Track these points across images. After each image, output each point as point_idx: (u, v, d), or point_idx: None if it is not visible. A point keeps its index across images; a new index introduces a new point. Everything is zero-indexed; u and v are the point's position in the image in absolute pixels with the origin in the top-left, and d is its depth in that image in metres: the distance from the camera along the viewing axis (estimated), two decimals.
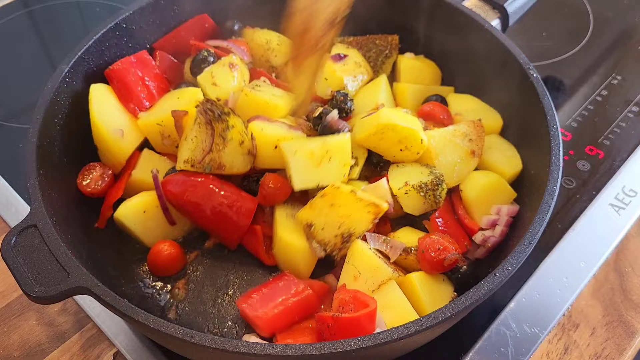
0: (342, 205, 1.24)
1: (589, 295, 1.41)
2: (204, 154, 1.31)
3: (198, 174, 1.33)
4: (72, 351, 1.32)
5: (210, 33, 1.70)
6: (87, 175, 1.41)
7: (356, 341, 0.97)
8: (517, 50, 1.43)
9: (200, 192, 1.32)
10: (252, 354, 0.96)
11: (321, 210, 1.26)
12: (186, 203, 1.33)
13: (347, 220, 1.24)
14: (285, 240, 1.31)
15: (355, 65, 1.60)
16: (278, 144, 1.33)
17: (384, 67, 1.64)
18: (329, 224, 1.25)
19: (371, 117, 1.35)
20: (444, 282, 1.25)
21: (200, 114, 1.30)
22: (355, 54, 1.63)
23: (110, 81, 1.48)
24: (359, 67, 1.60)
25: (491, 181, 1.37)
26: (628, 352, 1.33)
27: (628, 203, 1.55)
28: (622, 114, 1.79)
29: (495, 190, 1.37)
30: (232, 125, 1.29)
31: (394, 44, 1.64)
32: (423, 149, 1.35)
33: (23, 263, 1.07)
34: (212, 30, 1.70)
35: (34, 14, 2.17)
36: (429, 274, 1.22)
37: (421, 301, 1.18)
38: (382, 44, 1.64)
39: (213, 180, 1.33)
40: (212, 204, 1.32)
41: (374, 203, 1.24)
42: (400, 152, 1.35)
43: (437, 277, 1.24)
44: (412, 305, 1.17)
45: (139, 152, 1.45)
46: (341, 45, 1.64)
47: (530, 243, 1.10)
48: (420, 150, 1.35)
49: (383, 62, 1.64)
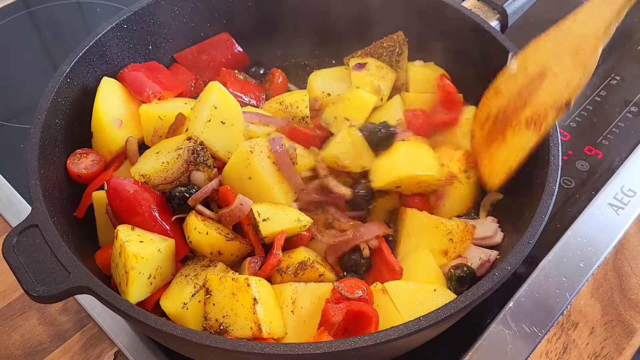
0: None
1: (588, 295, 1.41)
2: (162, 181, 1.27)
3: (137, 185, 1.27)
4: (73, 350, 1.32)
5: (232, 51, 1.72)
6: (79, 158, 1.39)
7: (356, 340, 0.97)
8: (517, 51, 1.43)
9: (124, 205, 1.25)
10: (252, 353, 0.96)
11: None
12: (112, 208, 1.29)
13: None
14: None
15: (377, 69, 1.61)
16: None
17: (400, 64, 1.64)
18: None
19: (390, 166, 1.36)
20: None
21: (187, 149, 1.27)
22: (371, 60, 1.63)
23: (123, 81, 1.49)
24: (382, 69, 1.61)
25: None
26: (627, 351, 1.33)
27: (627, 203, 1.55)
28: (621, 114, 1.80)
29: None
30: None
31: (401, 39, 1.64)
32: (440, 185, 1.39)
33: (24, 263, 1.07)
34: (234, 48, 1.72)
35: (35, 15, 2.18)
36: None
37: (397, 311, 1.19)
38: (390, 45, 1.64)
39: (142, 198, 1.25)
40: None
41: None
42: (418, 188, 1.39)
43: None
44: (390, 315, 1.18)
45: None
46: (354, 59, 1.65)
47: (529, 243, 1.11)
48: (437, 186, 1.39)
49: (398, 61, 1.64)
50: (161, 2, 1.59)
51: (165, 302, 1.20)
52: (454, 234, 1.32)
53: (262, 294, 1.14)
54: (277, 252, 1.22)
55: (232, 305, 1.12)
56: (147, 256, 1.16)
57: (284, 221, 1.26)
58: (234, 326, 1.11)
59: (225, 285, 1.13)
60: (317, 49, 1.83)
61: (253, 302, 1.11)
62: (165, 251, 1.21)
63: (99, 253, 1.30)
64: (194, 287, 1.19)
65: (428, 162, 1.38)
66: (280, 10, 1.75)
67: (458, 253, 1.32)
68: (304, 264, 1.25)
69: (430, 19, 1.61)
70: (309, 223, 1.29)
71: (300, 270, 1.25)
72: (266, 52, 1.80)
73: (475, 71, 1.57)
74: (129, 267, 1.14)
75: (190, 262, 1.28)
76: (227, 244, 1.24)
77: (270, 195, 1.31)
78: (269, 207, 1.28)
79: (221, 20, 1.73)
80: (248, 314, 1.11)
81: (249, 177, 1.30)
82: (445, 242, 1.32)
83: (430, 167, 1.36)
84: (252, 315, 1.10)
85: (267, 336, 1.10)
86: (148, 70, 1.53)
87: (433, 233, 1.33)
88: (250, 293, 1.12)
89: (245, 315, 1.11)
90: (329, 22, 1.76)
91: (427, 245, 1.33)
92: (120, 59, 1.54)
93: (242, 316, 1.11)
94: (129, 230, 1.20)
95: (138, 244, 1.17)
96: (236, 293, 1.12)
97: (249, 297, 1.11)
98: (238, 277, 1.14)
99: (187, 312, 1.17)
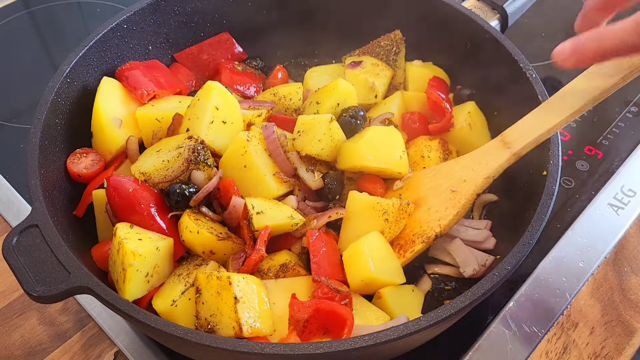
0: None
1: (588, 295, 1.41)
2: (162, 179, 1.28)
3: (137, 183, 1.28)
4: (73, 350, 1.32)
5: (232, 52, 1.72)
6: (79, 158, 1.40)
7: (356, 340, 0.97)
8: (517, 51, 1.44)
9: (123, 203, 1.25)
10: (252, 353, 0.96)
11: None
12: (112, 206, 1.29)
13: None
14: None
15: (373, 66, 1.61)
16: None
17: (398, 63, 1.65)
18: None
19: (352, 152, 1.36)
20: (414, 292, 1.29)
21: (188, 148, 1.28)
22: (367, 58, 1.64)
23: (121, 78, 1.50)
24: (377, 67, 1.62)
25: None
26: (627, 351, 1.33)
27: (627, 203, 1.55)
28: (621, 114, 1.80)
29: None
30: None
31: (398, 38, 1.64)
32: (400, 177, 1.40)
33: (24, 263, 1.07)
34: (234, 48, 1.72)
35: (35, 15, 2.18)
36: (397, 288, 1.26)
37: (391, 311, 1.21)
38: (387, 43, 1.65)
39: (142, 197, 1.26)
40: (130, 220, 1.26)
41: None
42: (383, 174, 1.41)
43: (407, 289, 1.28)
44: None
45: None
46: (350, 58, 1.65)
47: (529, 243, 1.11)
48: (399, 177, 1.40)
49: (395, 60, 1.64)
50: (161, 2, 1.59)
51: (156, 300, 1.20)
52: (389, 213, 1.29)
53: (245, 292, 1.13)
54: (260, 248, 1.22)
55: (217, 304, 1.12)
56: (145, 254, 1.16)
57: (277, 217, 1.27)
58: (219, 325, 1.11)
59: (212, 284, 1.13)
60: (317, 49, 1.83)
61: (234, 301, 1.10)
62: (163, 250, 1.21)
63: (96, 248, 1.30)
64: (184, 286, 1.20)
65: (387, 153, 1.37)
66: (280, 10, 1.76)
67: (394, 234, 1.30)
68: (285, 266, 1.25)
69: (430, 19, 1.61)
70: (301, 221, 1.29)
71: (282, 272, 1.25)
72: (266, 52, 1.80)
73: (474, 71, 1.57)
74: (127, 264, 1.14)
75: (185, 262, 1.28)
76: (218, 244, 1.24)
77: (264, 184, 1.32)
78: (263, 202, 1.28)
79: (221, 20, 1.73)
80: (230, 313, 1.10)
81: (244, 165, 1.31)
82: (381, 222, 1.29)
83: (388, 160, 1.36)
84: (233, 315, 1.10)
85: (248, 335, 1.10)
86: (146, 68, 1.53)
87: (370, 214, 1.30)
88: (232, 291, 1.11)
89: (228, 314, 1.10)
90: (329, 22, 1.76)
91: (365, 227, 1.30)
92: (120, 59, 1.54)
93: (226, 315, 1.11)
94: (127, 228, 1.21)
95: (136, 242, 1.17)
96: (220, 292, 1.12)
97: (231, 295, 1.11)
98: (222, 275, 1.13)
99: (177, 310, 1.17)
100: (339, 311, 1.12)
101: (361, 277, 1.22)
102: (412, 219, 1.32)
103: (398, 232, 1.30)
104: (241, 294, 1.12)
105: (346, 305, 1.16)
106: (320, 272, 1.22)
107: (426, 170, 1.40)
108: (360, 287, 1.23)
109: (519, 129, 1.27)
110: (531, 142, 1.23)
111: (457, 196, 1.29)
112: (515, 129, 1.28)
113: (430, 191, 1.35)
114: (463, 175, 1.31)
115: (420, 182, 1.38)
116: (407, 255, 1.28)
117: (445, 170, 1.36)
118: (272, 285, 1.21)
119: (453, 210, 1.28)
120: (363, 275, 1.21)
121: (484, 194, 1.44)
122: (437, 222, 1.28)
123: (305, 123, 1.39)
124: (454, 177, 1.33)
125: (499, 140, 1.30)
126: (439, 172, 1.37)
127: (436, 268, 1.39)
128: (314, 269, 1.23)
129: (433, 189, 1.35)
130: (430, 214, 1.31)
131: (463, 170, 1.33)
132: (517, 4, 1.66)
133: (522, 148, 1.24)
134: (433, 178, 1.37)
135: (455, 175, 1.33)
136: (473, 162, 1.32)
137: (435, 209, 1.31)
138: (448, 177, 1.34)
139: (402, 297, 1.25)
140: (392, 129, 1.41)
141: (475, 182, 1.28)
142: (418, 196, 1.36)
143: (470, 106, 1.53)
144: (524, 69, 1.40)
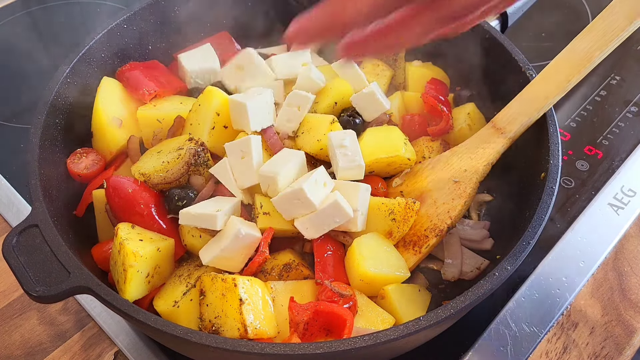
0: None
1: (588, 295, 1.41)
2: (162, 180, 1.27)
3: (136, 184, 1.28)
4: (73, 350, 1.32)
5: (233, 52, 1.69)
6: (79, 158, 1.40)
7: (356, 340, 0.97)
8: (516, 51, 1.44)
9: (123, 204, 1.26)
10: (252, 353, 0.96)
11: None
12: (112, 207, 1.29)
13: None
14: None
15: (373, 66, 1.62)
16: None
17: (397, 63, 1.65)
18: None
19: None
20: (421, 292, 1.29)
21: (188, 151, 1.28)
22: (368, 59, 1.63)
23: (121, 79, 1.50)
24: (378, 67, 1.62)
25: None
26: (627, 351, 1.33)
27: (627, 203, 1.55)
28: (621, 114, 1.80)
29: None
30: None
31: None
32: (411, 163, 1.39)
33: (24, 263, 1.07)
34: (233, 48, 1.71)
35: (35, 15, 2.18)
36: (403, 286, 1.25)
37: (397, 312, 1.20)
38: None
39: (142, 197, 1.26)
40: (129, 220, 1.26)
41: None
42: (393, 170, 1.41)
43: (414, 288, 1.28)
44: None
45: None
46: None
47: (529, 242, 1.11)
48: (408, 166, 1.40)
49: (395, 60, 1.64)
50: (161, 2, 1.59)
51: (157, 301, 1.20)
52: (396, 213, 1.28)
53: (250, 294, 1.13)
54: (264, 250, 1.22)
55: (222, 306, 1.12)
56: (146, 255, 1.16)
57: (282, 220, 1.26)
58: (224, 327, 1.11)
59: (217, 286, 1.13)
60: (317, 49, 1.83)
61: (239, 303, 1.10)
62: (164, 250, 1.21)
63: (96, 248, 1.30)
64: (186, 287, 1.20)
65: (392, 144, 1.37)
66: (281, 10, 1.76)
67: (403, 233, 1.29)
68: (289, 266, 1.25)
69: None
70: None
71: (285, 272, 1.24)
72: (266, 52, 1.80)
73: (474, 71, 1.57)
74: (128, 264, 1.14)
75: (185, 263, 1.28)
76: None
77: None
78: (272, 204, 1.28)
79: (221, 20, 1.73)
80: (235, 315, 1.10)
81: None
82: (388, 222, 1.29)
83: (394, 148, 1.35)
84: (238, 316, 1.10)
85: (253, 337, 1.10)
86: (146, 68, 1.53)
87: (376, 215, 1.30)
88: (237, 293, 1.11)
89: (234, 316, 1.10)
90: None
91: (372, 229, 1.30)
92: (120, 59, 1.54)
93: (231, 317, 1.10)
94: (129, 228, 1.21)
95: (137, 242, 1.17)
96: (225, 294, 1.12)
97: (236, 297, 1.11)
98: (227, 278, 1.13)
99: (179, 310, 1.17)
100: (338, 312, 1.12)
101: (358, 275, 1.22)
102: (420, 214, 1.31)
103: (407, 230, 1.30)
104: (246, 296, 1.12)
105: (350, 308, 1.16)
106: (324, 276, 1.22)
107: (423, 164, 1.40)
108: (361, 287, 1.23)
109: (508, 113, 1.34)
110: (523, 124, 1.30)
111: (461, 186, 1.31)
112: (505, 113, 1.34)
113: (432, 184, 1.35)
114: (462, 165, 1.33)
115: (419, 176, 1.38)
116: (422, 251, 1.28)
117: (443, 162, 1.37)
118: (277, 287, 1.21)
119: (460, 200, 1.29)
120: (359, 272, 1.21)
121: (478, 194, 1.45)
122: (447, 214, 1.29)
123: (309, 122, 1.39)
124: (453, 167, 1.34)
125: (491, 127, 1.35)
126: (437, 164, 1.37)
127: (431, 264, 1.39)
128: (318, 272, 1.23)
129: (434, 182, 1.35)
130: (438, 207, 1.31)
131: (461, 160, 1.34)
132: (517, 4, 1.66)
133: (515, 132, 1.30)
134: (432, 171, 1.37)
135: (454, 166, 1.34)
136: (469, 151, 1.35)
137: (442, 201, 1.32)
138: (447, 169, 1.35)
139: (408, 297, 1.25)
140: (392, 127, 1.41)
141: (476, 170, 1.31)
142: (420, 191, 1.36)
143: (470, 107, 1.53)
144: (524, 69, 1.40)
